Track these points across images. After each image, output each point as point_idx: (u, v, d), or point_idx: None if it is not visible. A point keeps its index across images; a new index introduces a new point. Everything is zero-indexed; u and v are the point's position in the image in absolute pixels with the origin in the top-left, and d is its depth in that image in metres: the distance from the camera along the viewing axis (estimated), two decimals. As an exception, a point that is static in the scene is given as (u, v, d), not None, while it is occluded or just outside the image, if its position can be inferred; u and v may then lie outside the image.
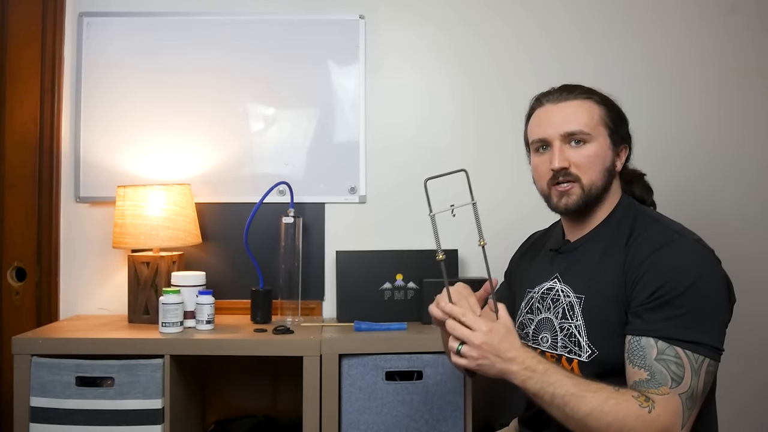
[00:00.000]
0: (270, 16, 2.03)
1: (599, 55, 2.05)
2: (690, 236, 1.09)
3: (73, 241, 2.01)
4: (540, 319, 1.23)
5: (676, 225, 1.14)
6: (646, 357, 1.01)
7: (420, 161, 2.05)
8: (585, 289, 1.16)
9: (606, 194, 1.20)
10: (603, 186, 1.19)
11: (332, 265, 1.98)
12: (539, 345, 1.22)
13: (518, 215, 2.04)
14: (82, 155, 2.00)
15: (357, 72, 2.03)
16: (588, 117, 1.18)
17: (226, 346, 1.64)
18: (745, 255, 2.01)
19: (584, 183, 1.17)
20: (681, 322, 1.00)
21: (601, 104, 1.21)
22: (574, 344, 1.14)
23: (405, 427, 1.66)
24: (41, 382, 1.61)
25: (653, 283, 1.04)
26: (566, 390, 1.00)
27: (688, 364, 0.99)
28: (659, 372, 1.00)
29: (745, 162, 2.08)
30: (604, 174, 1.18)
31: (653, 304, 1.03)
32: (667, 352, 1.00)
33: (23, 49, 1.99)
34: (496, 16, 2.06)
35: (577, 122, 1.18)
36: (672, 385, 0.99)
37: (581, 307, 1.15)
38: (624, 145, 1.22)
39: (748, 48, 2.08)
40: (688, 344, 1.00)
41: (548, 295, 1.22)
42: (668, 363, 1.00)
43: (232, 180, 2.02)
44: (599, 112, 1.20)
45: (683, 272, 1.03)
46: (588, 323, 1.13)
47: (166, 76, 2.01)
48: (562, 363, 1.15)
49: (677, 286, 1.02)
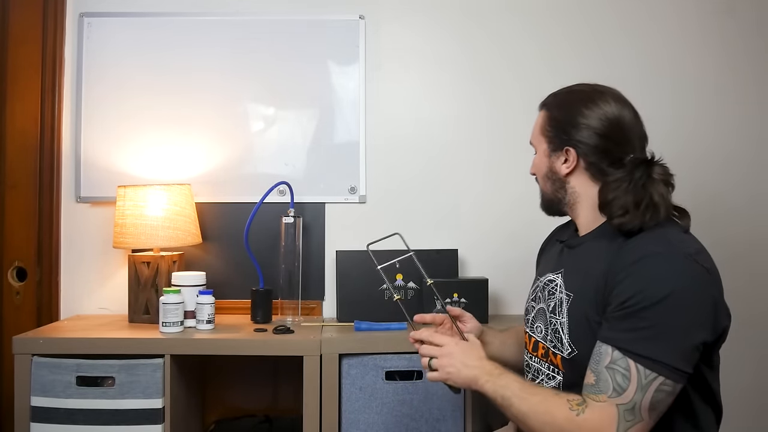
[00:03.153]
0: (270, 16, 2.03)
1: (600, 54, 2.05)
2: (685, 249, 1.04)
3: (73, 241, 2.01)
4: (538, 309, 1.25)
5: (677, 236, 1.08)
6: (599, 363, 1.03)
7: (420, 161, 2.05)
8: (575, 287, 1.16)
9: (565, 199, 1.21)
10: (552, 192, 1.24)
11: (332, 265, 1.98)
12: (534, 334, 1.25)
13: (519, 215, 2.05)
14: (82, 155, 2.00)
15: (357, 72, 2.04)
16: (535, 128, 1.27)
17: (226, 346, 1.64)
18: (743, 253, 2.02)
19: (540, 188, 1.29)
20: (641, 335, 0.99)
21: (550, 109, 1.23)
22: (558, 340, 1.16)
23: (405, 426, 1.66)
24: (42, 381, 1.61)
25: (627, 291, 1.02)
26: (512, 392, 1.09)
27: (636, 377, 0.99)
28: (604, 380, 1.01)
29: (744, 161, 2.08)
30: (546, 181, 1.25)
31: (621, 313, 1.02)
32: (618, 363, 1.00)
33: (24, 49, 1.99)
34: (497, 16, 2.06)
35: (532, 134, 1.29)
36: (611, 395, 1.00)
37: (568, 305, 1.15)
38: (566, 148, 1.18)
39: (748, 48, 2.08)
40: (642, 359, 0.99)
41: (548, 287, 1.23)
42: (615, 373, 1.00)
43: (232, 180, 2.02)
44: (542, 121, 1.24)
45: (659, 285, 1.00)
46: (571, 322, 1.14)
47: (167, 76, 2.01)
48: (549, 356, 1.19)
49: (648, 298, 1.00)
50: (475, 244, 2.05)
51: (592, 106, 1.16)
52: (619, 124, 1.15)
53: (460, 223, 2.06)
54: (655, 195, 1.09)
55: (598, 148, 1.15)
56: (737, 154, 2.08)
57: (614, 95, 1.19)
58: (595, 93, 1.18)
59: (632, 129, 1.16)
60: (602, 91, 1.19)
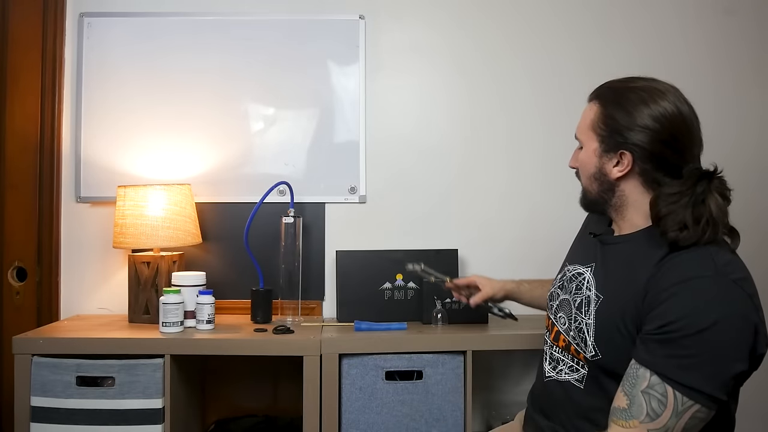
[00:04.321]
0: (270, 16, 2.03)
1: (600, 54, 2.05)
2: (728, 275, 1.00)
3: (73, 241, 2.01)
4: (563, 299, 1.23)
5: (724, 257, 1.03)
6: (635, 386, 1.00)
7: (420, 161, 2.05)
8: (606, 290, 1.13)
9: (611, 201, 1.16)
10: (597, 193, 1.17)
11: (332, 265, 1.98)
12: (557, 323, 1.23)
13: (519, 215, 2.05)
14: (82, 155, 2.00)
15: (357, 72, 2.04)
16: (584, 121, 1.19)
17: (226, 346, 1.64)
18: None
19: (583, 185, 1.22)
20: (683, 364, 0.97)
21: (605, 105, 1.14)
22: (581, 340, 1.14)
23: (405, 427, 1.66)
24: (42, 381, 1.61)
25: (668, 315, 0.99)
26: None
27: (672, 404, 0.96)
28: (638, 404, 0.98)
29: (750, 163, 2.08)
30: (591, 181, 1.17)
31: (661, 337, 0.99)
32: (656, 388, 0.98)
33: (24, 49, 1.99)
34: (497, 17, 2.06)
35: (578, 127, 1.20)
36: (644, 420, 0.98)
37: (597, 306, 1.13)
38: (621, 151, 1.11)
39: (748, 48, 2.09)
40: (681, 386, 0.96)
41: (576, 280, 1.20)
42: (651, 398, 0.98)
43: (232, 180, 2.02)
44: (594, 115, 1.15)
45: (701, 314, 0.97)
46: (598, 325, 1.11)
47: (167, 76, 2.01)
48: (571, 350, 1.16)
49: (690, 326, 0.96)
50: (475, 244, 2.05)
51: (654, 108, 1.08)
52: (680, 130, 1.08)
53: (460, 223, 2.06)
54: (714, 211, 1.03)
55: (656, 155, 1.08)
56: (737, 153, 2.08)
57: (677, 96, 1.11)
58: (657, 93, 1.10)
59: (693, 136, 1.10)
60: (663, 91, 1.11)
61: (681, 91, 1.13)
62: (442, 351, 1.67)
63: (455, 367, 1.67)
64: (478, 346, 1.68)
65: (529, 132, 2.03)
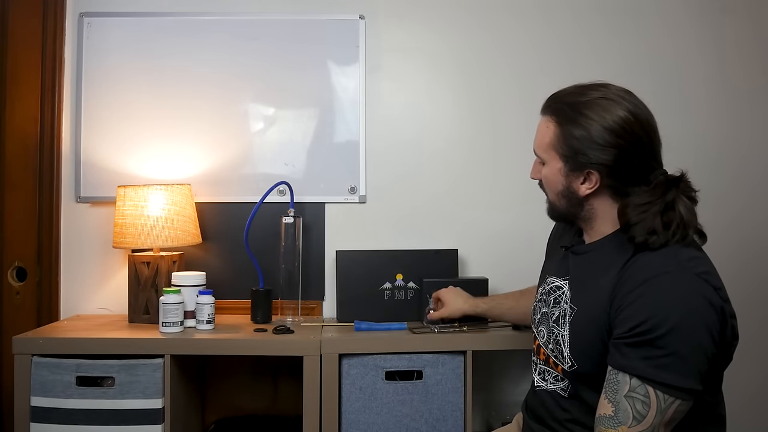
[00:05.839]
0: (270, 16, 2.03)
1: (599, 55, 2.06)
2: (691, 270, 1.01)
3: (73, 241, 2.01)
4: (543, 312, 1.24)
5: (688, 253, 1.04)
6: (618, 392, 1.00)
7: (420, 161, 2.05)
8: (579, 301, 1.14)
9: (580, 214, 1.16)
10: (566, 208, 1.17)
11: (332, 265, 1.98)
12: (537, 336, 1.25)
13: (519, 215, 2.05)
14: (82, 155, 2.00)
15: (357, 72, 2.03)
16: (542, 138, 1.18)
17: (226, 346, 1.64)
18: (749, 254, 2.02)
19: (550, 199, 1.22)
20: (659, 363, 0.98)
21: (562, 124, 1.12)
22: (559, 352, 1.15)
23: (405, 427, 1.66)
24: (42, 381, 1.61)
25: (637, 317, 0.99)
26: None
27: (655, 403, 0.98)
28: (623, 410, 0.99)
29: (747, 159, 2.08)
30: (559, 198, 1.17)
31: (634, 340, 1.00)
32: (638, 390, 0.99)
33: (24, 49, 1.99)
34: (497, 17, 2.06)
35: (536, 143, 1.20)
36: (632, 424, 0.99)
37: (571, 318, 1.13)
38: (588, 171, 1.10)
39: (745, 46, 2.09)
40: (662, 386, 0.97)
41: (554, 293, 1.21)
42: (635, 401, 0.99)
43: (232, 180, 2.02)
44: (552, 135, 1.14)
45: (669, 310, 0.98)
46: (572, 336, 1.12)
47: (167, 76, 2.01)
48: (550, 363, 1.18)
49: (660, 325, 0.97)
50: (475, 244, 2.05)
51: (612, 122, 1.07)
52: (641, 137, 1.08)
53: (459, 223, 2.06)
54: (685, 214, 1.05)
55: (622, 168, 1.09)
56: (734, 154, 2.08)
57: (630, 101, 1.10)
58: (611, 103, 1.09)
59: (653, 137, 1.10)
60: (616, 100, 1.09)
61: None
62: (442, 351, 1.67)
63: (455, 367, 1.67)
64: (478, 346, 1.68)
65: (529, 132, 2.02)
